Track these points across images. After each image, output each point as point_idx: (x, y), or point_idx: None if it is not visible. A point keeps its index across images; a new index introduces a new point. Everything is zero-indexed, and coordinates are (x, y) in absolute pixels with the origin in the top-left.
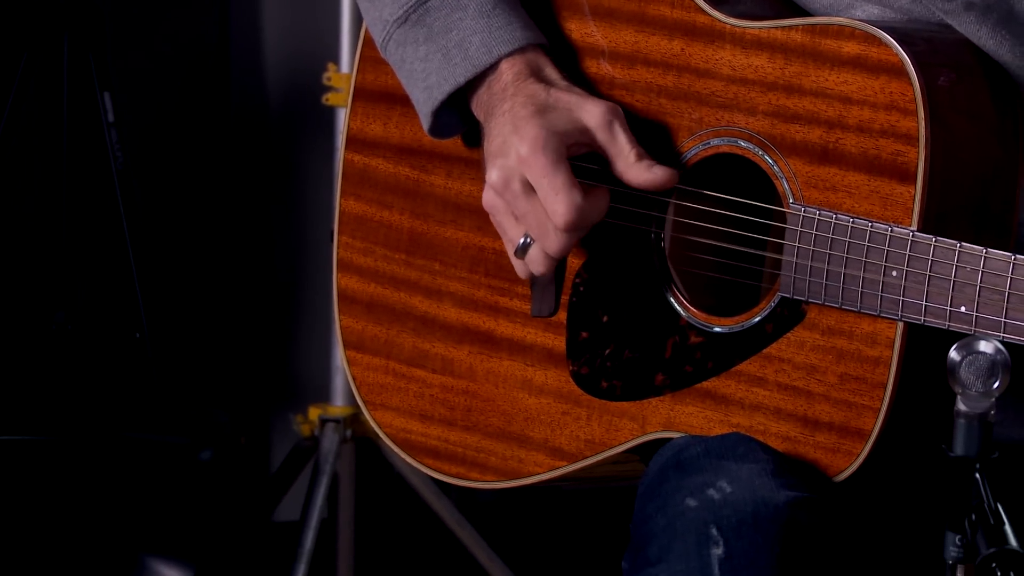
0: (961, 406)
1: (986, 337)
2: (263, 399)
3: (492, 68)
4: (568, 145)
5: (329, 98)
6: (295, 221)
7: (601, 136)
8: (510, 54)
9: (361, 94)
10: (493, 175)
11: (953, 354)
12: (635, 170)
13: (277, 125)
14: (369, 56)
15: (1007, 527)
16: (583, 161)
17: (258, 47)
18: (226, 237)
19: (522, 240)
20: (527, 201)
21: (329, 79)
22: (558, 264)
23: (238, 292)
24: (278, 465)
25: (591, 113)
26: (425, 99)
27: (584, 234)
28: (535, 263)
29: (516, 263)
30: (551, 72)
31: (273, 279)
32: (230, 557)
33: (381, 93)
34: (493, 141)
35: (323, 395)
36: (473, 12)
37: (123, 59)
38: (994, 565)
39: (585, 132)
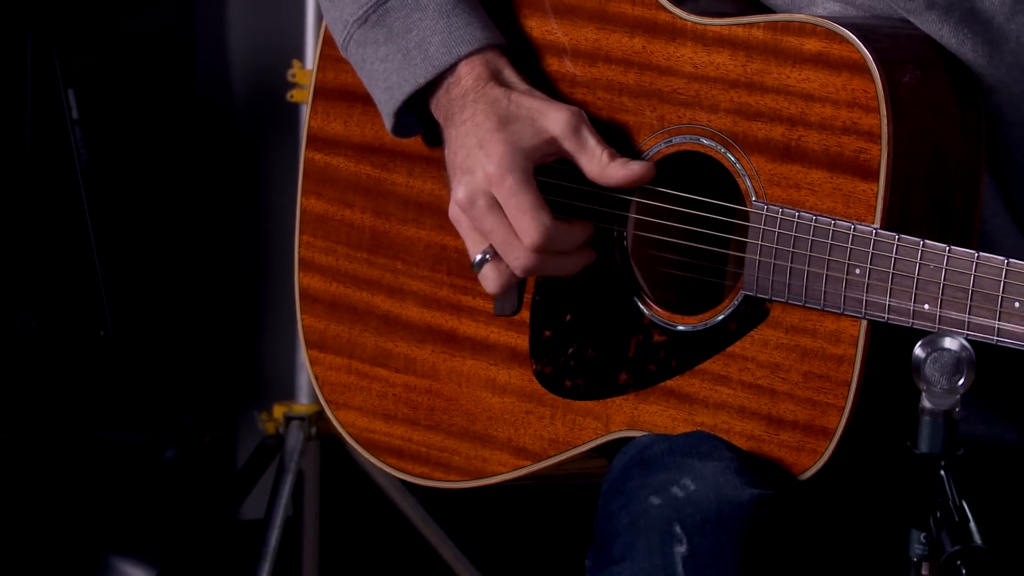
0: (926, 403)
1: (951, 334)
2: (229, 397)
3: (451, 70)
4: (534, 160)
5: (294, 95)
6: (260, 218)
7: (568, 144)
8: (469, 55)
9: (322, 92)
10: (459, 192)
11: (918, 351)
12: (611, 170)
13: (242, 122)
14: (329, 54)
15: (972, 524)
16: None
17: (223, 44)
18: (191, 234)
19: (479, 256)
20: (493, 218)
21: (294, 76)
22: (538, 274)
23: (203, 290)
24: (243, 463)
25: (555, 121)
26: (387, 100)
27: (554, 266)
28: (487, 280)
29: (479, 277)
30: (510, 74)
31: (238, 277)
32: (194, 556)
33: (342, 91)
34: (457, 153)
35: (288, 393)
36: (433, 12)
37: (87, 56)
38: (959, 563)
39: (552, 142)
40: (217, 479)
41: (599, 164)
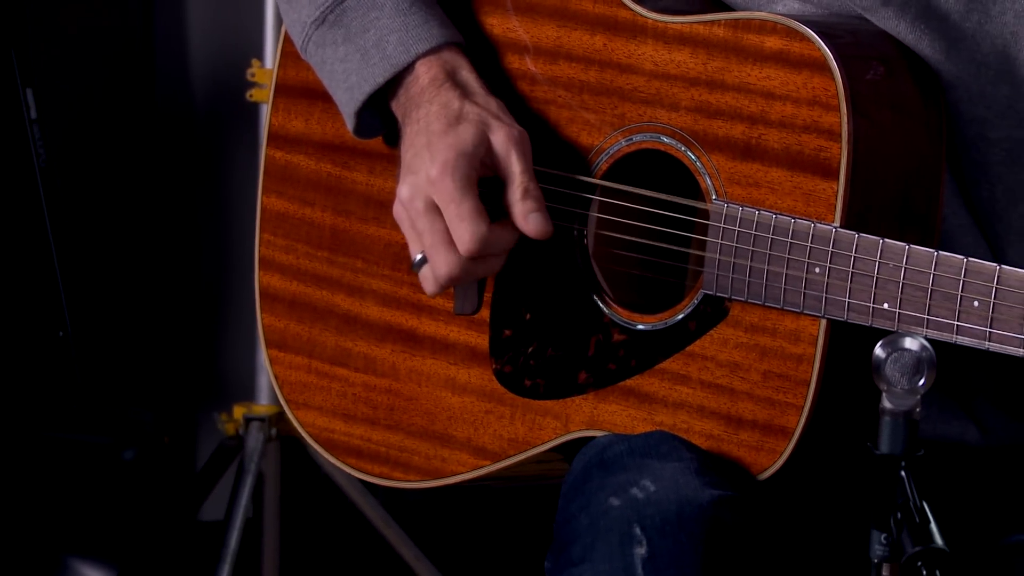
0: (886, 403)
1: (912, 334)
2: (189, 398)
3: (409, 69)
4: (476, 167)
5: (253, 94)
6: (220, 217)
7: (499, 162)
8: (426, 53)
9: (282, 90)
10: (402, 190)
11: (878, 351)
12: (516, 209)
13: (202, 122)
14: (290, 52)
15: (933, 525)
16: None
17: (183, 43)
18: (151, 234)
19: (418, 256)
20: (427, 220)
21: (253, 75)
22: (462, 281)
23: (163, 290)
24: (203, 464)
25: (496, 135)
26: (347, 100)
27: (487, 267)
28: (426, 281)
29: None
30: (467, 75)
31: (198, 276)
32: (154, 557)
33: (302, 89)
34: (407, 151)
35: (248, 394)
36: (390, 11)
37: (46, 55)
38: (920, 564)
39: (490, 153)
40: (177, 480)
41: (512, 195)
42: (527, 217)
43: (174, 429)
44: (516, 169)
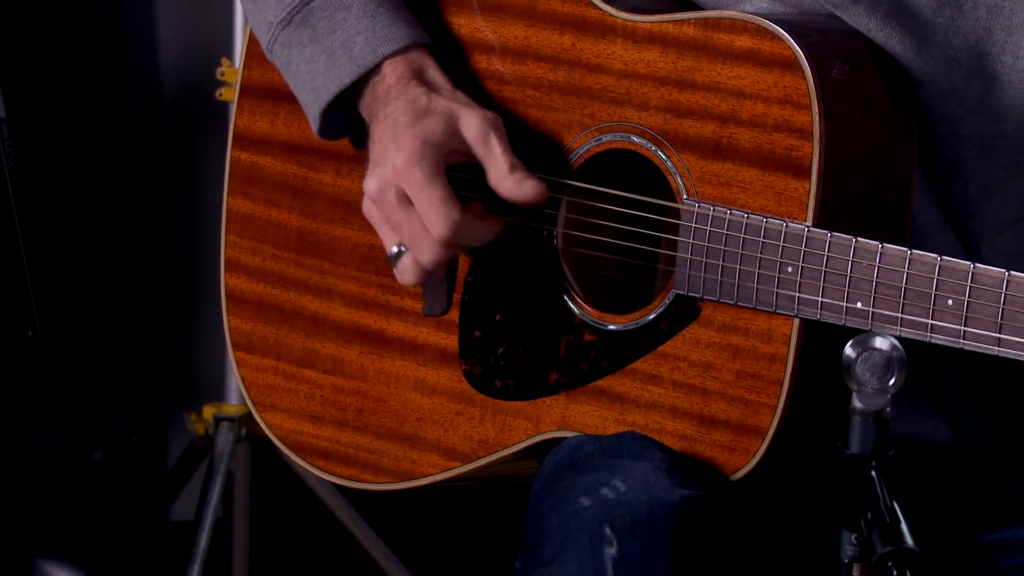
0: (857, 403)
1: (882, 333)
2: (159, 398)
3: (376, 69)
4: (444, 155)
5: (223, 93)
6: (190, 217)
7: (477, 148)
8: (394, 54)
9: (248, 91)
10: (370, 184)
11: (849, 351)
12: (507, 182)
13: (171, 121)
14: (256, 52)
15: (903, 525)
16: (457, 171)
17: (152, 42)
18: (120, 234)
19: (395, 249)
20: (403, 212)
21: (223, 74)
22: (449, 262)
23: (133, 290)
24: (173, 464)
25: (468, 123)
26: (312, 101)
27: (461, 250)
28: (406, 272)
29: (395, 270)
30: (434, 73)
31: (168, 277)
32: (123, 558)
33: (268, 90)
34: (374, 147)
35: (218, 394)
36: (357, 12)
37: (15, 54)
38: (890, 564)
39: (462, 142)
40: (147, 480)
41: (498, 173)
42: (521, 184)
43: (144, 429)
44: (497, 151)
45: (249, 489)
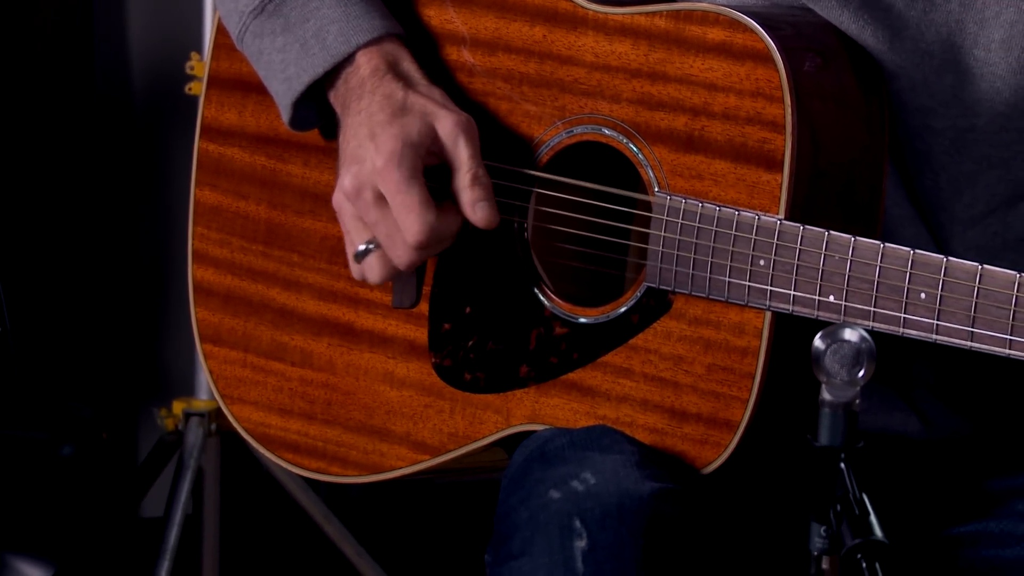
0: (826, 395)
1: (852, 325)
2: (130, 393)
3: (349, 60)
4: (422, 156)
5: (192, 87)
6: (160, 212)
7: (447, 151)
8: (367, 44)
9: (215, 82)
10: (346, 181)
11: (818, 342)
12: (464, 196)
13: (142, 115)
14: (223, 43)
15: (872, 517)
16: (432, 171)
17: (122, 36)
18: (91, 228)
19: (363, 246)
20: (378, 211)
21: (192, 68)
22: (419, 264)
23: (102, 284)
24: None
25: (443, 124)
26: (284, 91)
27: (437, 251)
28: (371, 270)
29: (353, 267)
30: (409, 66)
31: (138, 271)
32: (93, 554)
33: (236, 81)
34: (349, 142)
35: (188, 389)
36: (330, 1)
37: None
38: (859, 556)
39: (437, 142)
40: (117, 476)
41: (461, 182)
42: (475, 206)
43: (114, 424)
44: (464, 156)
45: (219, 485)
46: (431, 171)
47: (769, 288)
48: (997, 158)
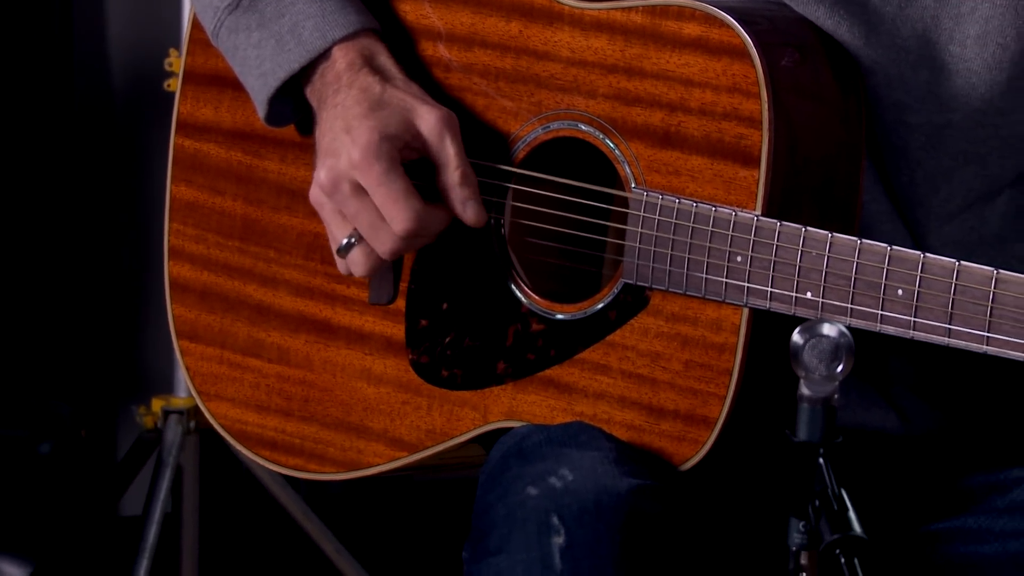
0: (804, 390)
1: (830, 320)
2: (109, 390)
3: (325, 55)
4: (399, 149)
5: (171, 84)
6: (139, 209)
7: (432, 147)
8: (343, 39)
9: (191, 77)
10: (322, 175)
11: (796, 337)
12: (453, 194)
13: (121, 112)
14: (199, 38)
15: (851, 513)
16: (408, 165)
17: (101, 33)
18: (70, 226)
19: (346, 240)
20: (358, 202)
21: (171, 65)
22: (402, 255)
23: (81, 282)
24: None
25: (425, 119)
26: (260, 87)
27: (421, 244)
28: (356, 264)
29: (338, 262)
30: (385, 60)
31: (117, 269)
32: (72, 552)
33: (211, 76)
34: (324, 136)
35: (167, 386)
36: None
37: None
38: (838, 551)
39: (418, 137)
40: (96, 474)
41: (449, 181)
42: (465, 205)
43: (92, 422)
44: (451, 152)
45: (198, 482)
46: (408, 166)
47: (746, 284)
48: (973, 154)
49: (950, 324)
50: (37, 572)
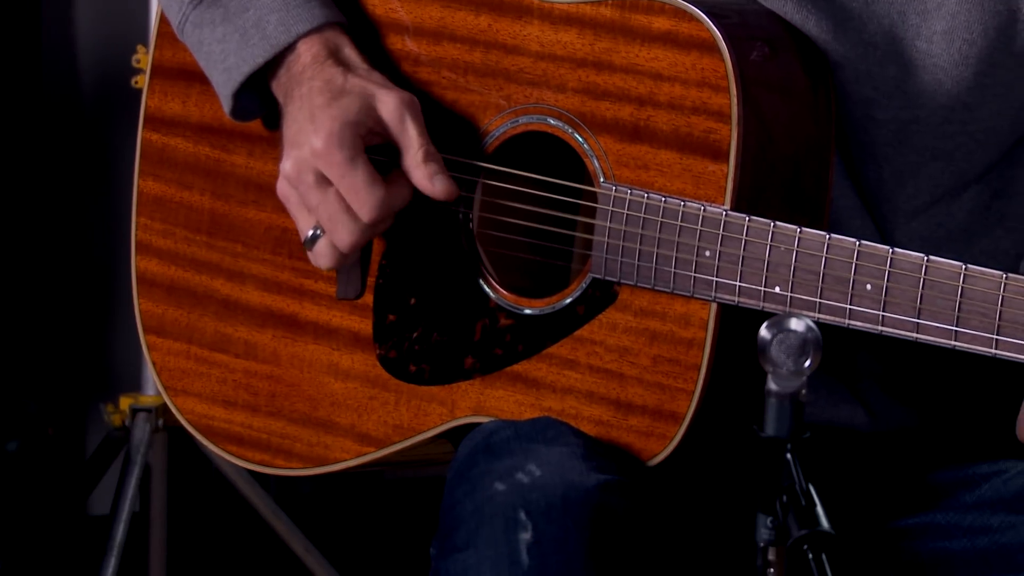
0: (772, 385)
1: (798, 315)
2: (77, 388)
3: (290, 48)
4: (363, 135)
5: (139, 81)
6: (108, 206)
7: (394, 129)
8: (308, 33)
9: (159, 71)
10: (287, 166)
11: (764, 332)
12: (419, 172)
13: (89, 108)
14: (166, 32)
15: (819, 509)
16: (374, 151)
17: (69, 29)
18: (38, 222)
19: (311, 232)
20: (320, 193)
21: (139, 61)
22: (363, 245)
23: (49, 279)
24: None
25: (385, 103)
26: (224, 81)
27: (385, 228)
28: (322, 256)
29: (309, 254)
30: (350, 53)
31: (85, 265)
32: (39, 551)
33: (179, 71)
34: (289, 128)
35: (135, 384)
36: None
37: None
38: (805, 547)
39: (379, 122)
40: (63, 473)
41: (413, 160)
42: (432, 179)
43: (60, 420)
44: (413, 133)
45: (166, 481)
46: (373, 149)
47: (715, 279)
48: (940, 150)
49: (919, 319)
50: (4, 571)
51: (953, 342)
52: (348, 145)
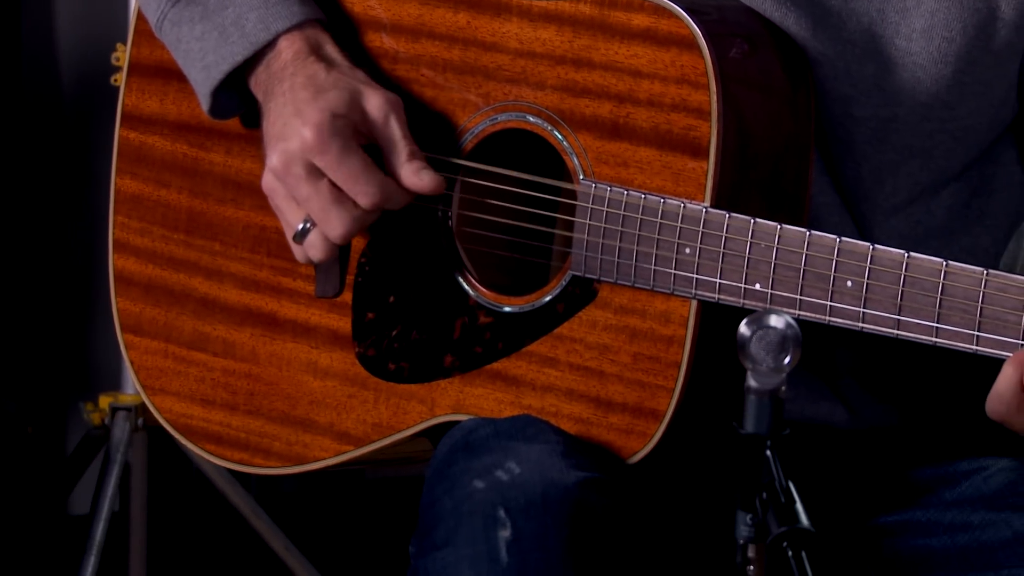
0: (751, 382)
1: (777, 311)
2: (58, 387)
3: (270, 46)
4: (350, 127)
5: (118, 79)
6: (88, 204)
7: (377, 129)
8: (288, 30)
9: (136, 70)
10: (274, 159)
11: (743, 329)
12: (405, 169)
13: (69, 106)
14: (144, 30)
15: (798, 505)
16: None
17: (49, 27)
18: (17, 222)
19: (301, 225)
20: (310, 185)
21: (118, 59)
22: (355, 236)
23: (29, 277)
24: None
25: (371, 100)
26: (203, 79)
27: (374, 219)
28: (313, 248)
29: (295, 248)
30: (331, 49)
31: (65, 265)
32: (18, 550)
33: (156, 68)
34: (274, 124)
35: (115, 383)
36: None
37: None
38: (785, 544)
39: (364, 118)
40: (42, 472)
41: (398, 159)
42: (419, 174)
43: (40, 419)
44: (398, 134)
45: (146, 480)
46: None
47: (695, 276)
48: (919, 147)
49: (899, 315)
50: None
51: (934, 338)
52: (339, 134)
